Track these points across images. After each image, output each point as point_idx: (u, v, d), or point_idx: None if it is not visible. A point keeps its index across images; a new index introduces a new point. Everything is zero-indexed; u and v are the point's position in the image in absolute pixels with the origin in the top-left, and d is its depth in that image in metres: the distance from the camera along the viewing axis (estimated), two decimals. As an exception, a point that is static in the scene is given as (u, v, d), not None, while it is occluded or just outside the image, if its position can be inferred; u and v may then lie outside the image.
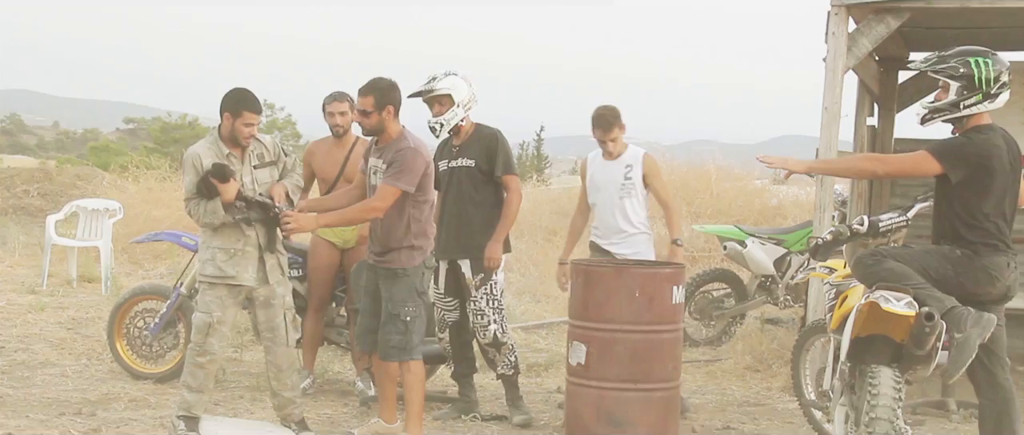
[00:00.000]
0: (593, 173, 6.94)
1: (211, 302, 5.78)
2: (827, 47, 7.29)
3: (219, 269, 5.75)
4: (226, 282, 5.75)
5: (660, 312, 6.04)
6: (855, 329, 4.91)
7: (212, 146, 5.79)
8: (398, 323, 5.78)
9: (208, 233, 5.79)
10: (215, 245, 5.76)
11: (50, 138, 74.70)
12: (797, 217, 12.92)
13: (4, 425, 6.03)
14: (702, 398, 7.44)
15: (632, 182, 6.77)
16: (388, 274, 5.81)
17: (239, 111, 5.72)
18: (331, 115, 7.08)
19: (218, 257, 5.75)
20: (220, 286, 5.76)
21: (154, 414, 6.41)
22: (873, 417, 4.71)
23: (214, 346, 5.80)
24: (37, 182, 18.48)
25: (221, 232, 5.75)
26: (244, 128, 5.73)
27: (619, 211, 6.78)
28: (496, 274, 6.45)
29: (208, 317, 5.77)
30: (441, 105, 6.38)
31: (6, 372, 7.35)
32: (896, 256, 5.02)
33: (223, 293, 5.77)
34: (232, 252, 5.75)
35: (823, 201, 7.31)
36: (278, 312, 5.87)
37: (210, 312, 5.77)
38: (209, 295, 5.79)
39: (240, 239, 5.76)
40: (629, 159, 6.79)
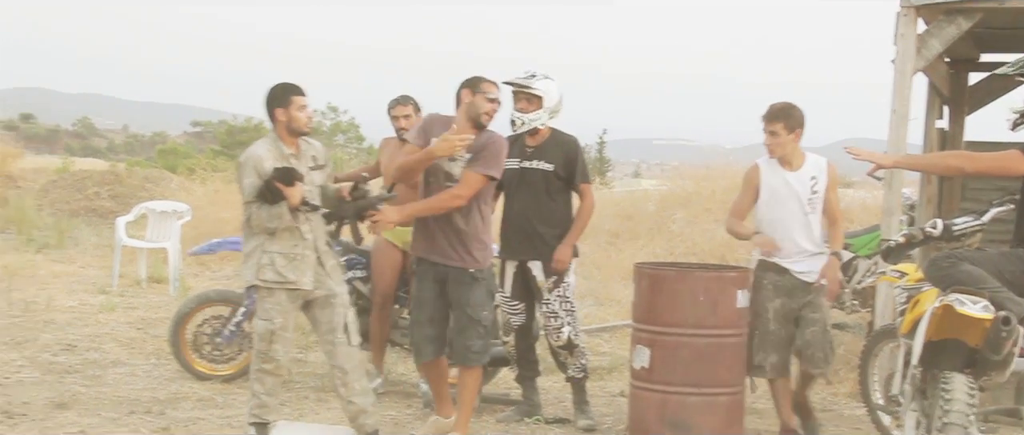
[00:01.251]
0: (772, 183, 6.16)
1: (272, 309, 5.60)
2: (896, 49, 7.19)
3: (279, 274, 5.55)
4: (286, 287, 5.57)
5: (725, 316, 6.00)
6: (928, 333, 4.83)
7: (272, 147, 5.59)
8: (479, 328, 5.76)
9: (263, 237, 5.57)
10: (273, 250, 5.55)
11: (120, 141, 76.14)
12: (864, 221, 12.74)
13: (77, 423, 6.14)
14: (767, 403, 7.35)
15: (818, 196, 6.12)
16: (460, 276, 5.74)
17: (288, 98, 5.57)
18: (396, 118, 7.19)
19: (277, 262, 5.55)
20: (280, 291, 5.58)
21: (222, 414, 6.49)
22: (946, 422, 4.63)
23: (279, 352, 5.64)
24: (107, 184, 18.83)
25: (279, 236, 5.55)
26: (299, 113, 5.57)
27: (803, 228, 6.12)
28: (568, 276, 6.44)
29: (270, 324, 5.60)
30: (529, 103, 6.38)
31: (78, 371, 7.49)
32: (972, 259, 4.94)
33: (283, 298, 5.59)
34: (291, 256, 5.56)
35: (891, 205, 7.21)
36: (338, 312, 5.68)
37: (272, 319, 5.60)
38: (269, 301, 5.61)
39: (298, 242, 5.58)
40: (813, 170, 6.14)
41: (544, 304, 6.42)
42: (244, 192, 5.55)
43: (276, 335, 5.60)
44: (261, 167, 5.49)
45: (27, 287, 10.64)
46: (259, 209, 5.48)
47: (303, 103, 5.60)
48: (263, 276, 5.57)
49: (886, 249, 5.55)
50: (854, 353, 7.66)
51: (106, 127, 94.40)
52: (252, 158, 5.54)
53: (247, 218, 5.58)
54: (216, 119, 47.77)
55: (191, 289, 10.37)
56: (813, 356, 6.16)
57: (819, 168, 6.14)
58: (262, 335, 5.63)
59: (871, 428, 6.40)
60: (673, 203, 15.03)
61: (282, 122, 5.59)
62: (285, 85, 5.65)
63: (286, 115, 5.58)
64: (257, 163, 5.50)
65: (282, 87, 5.64)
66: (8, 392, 6.78)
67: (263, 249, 5.57)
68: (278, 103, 5.59)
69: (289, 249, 5.56)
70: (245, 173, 5.54)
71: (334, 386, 5.83)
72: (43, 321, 9.08)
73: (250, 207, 5.53)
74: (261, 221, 5.50)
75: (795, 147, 6.11)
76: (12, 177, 20.94)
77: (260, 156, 5.53)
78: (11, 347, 8.10)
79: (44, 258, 12.96)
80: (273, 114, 5.61)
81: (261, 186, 5.45)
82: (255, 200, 5.49)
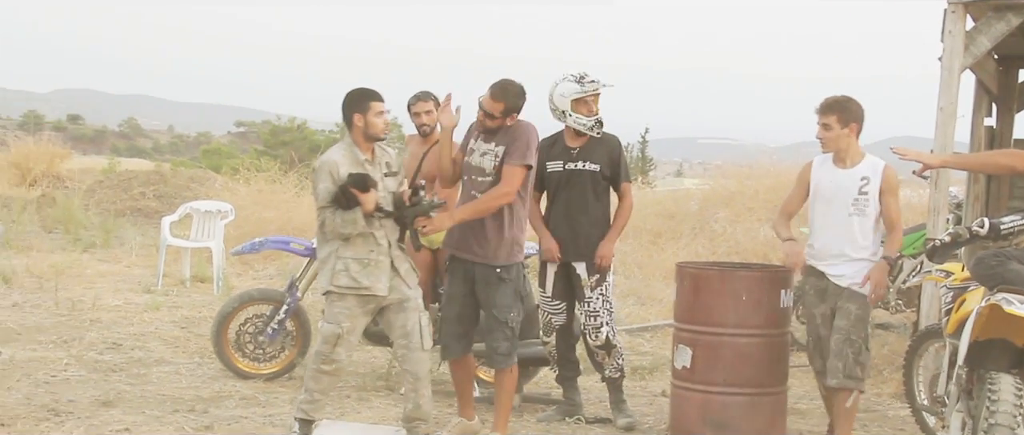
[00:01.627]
0: (819, 180, 5.92)
1: (340, 313, 5.59)
2: (943, 46, 7.10)
3: (354, 280, 5.53)
4: (359, 292, 5.55)
5: (767, 316, 5.96)
6: (974, 332, 4.77)
7: (347, 153, 5.59)
8: (505, 330, 5.77)
9: (336, 243, 5.56)
10: (348, 255, 5.53)
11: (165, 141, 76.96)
12: (909, 220, 12.59)
13: (122, 420, 6.20)
14: (810, 404, 7.30)
15: (868, 199, 5.77)
16: (487, 275, 5.75)
17: (366, 104, 5.58)
18: (417, 115, 7.16)
19: (352, 267, 5.52)
20: (351, 296, 5.56)
21: (264, 412, 6.53)
22: (992, 424, 4.57)
23: (341, 355, 5.64)
24: (153, 184, 19.01)
25: (354, 242, 5.53)
26: (377, 119, 5.58)
27: (845, 230, 5.79)
28: (610, 276, 6.45)
29: (337, 328, 5.59)
30: (595, 103, 6.41)
31: (123, 369, 7.56)
32: (1020, 258, 4.87)
33: (353, 304, 5.57)
34: (366, 262, 5.54)
35: (937, 203, 7.12)
36: (412, 316, 5.64)
37: (339, 323, 5.59)
38: (338, 306, 5.59)
39: (373, 248, 5.55)
40: (867, 170, 5.81)
41: (586, 302, 6.42)
42: (318, 197, 5.54)
43: (342, 339, 5.60)
44: (337, 172, 5.49)
45: (74, 286, 10.77)
46: (333, 214, 5.48)
47: (381, 109, 5.60)
48: (337, 282, 5.55)
49: (932, 248, 5.48)
50: (899, 353, 7.59)
51: (152, 128, 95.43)
52: (328, 163, 5.55)
53: (321, 223, 5.57)
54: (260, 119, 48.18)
55: (235, 288, 10.45)
56: (830, 366, 5.77)
57: (874, 170, 5.79)
58: (327, 338, 5.62)
59: (916, 429, 6.33)
60: (716, 202, 14.95)
61: (359, 127, 5.59)
62: (363, 90, 5.65)
63: (363, 120, 5.58)
64: (333, 168, 5.51)
65: (360, 92, 5.64)
66: (55, 390, 6.87)
67: (337, 255, 5.55)
68: (356, 108, 5.60)
69: (364, 255, 5.54)
70: (320, 178, 5.54)
71: (404, 389, 5.86)
72: (89, 320, 9.19)
73: (324, 212, 5.51)
74: (335, 227, 5.49)
75: (850, 143, 5.82)
76: (60, 177, 21.23)
77: (336, 162, 5.53)
78: (58, 345, 8.20)
79: (90, 257, 13.11)
80: (351, 119, 5.61)
81: (336, 192, 5.45)
82: (330, 205, 5.48)
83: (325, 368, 5.65)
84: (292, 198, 15.25)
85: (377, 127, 5.60)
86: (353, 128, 5.61)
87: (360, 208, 5.44)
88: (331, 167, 5.51)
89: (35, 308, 9.62)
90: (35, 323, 8.98)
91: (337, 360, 5.64)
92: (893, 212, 5.80)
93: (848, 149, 5.82)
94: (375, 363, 7.95)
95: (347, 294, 5.54)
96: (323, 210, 5.51)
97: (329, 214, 5.48)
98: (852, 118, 5.79)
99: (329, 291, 5.59)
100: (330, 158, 5.57)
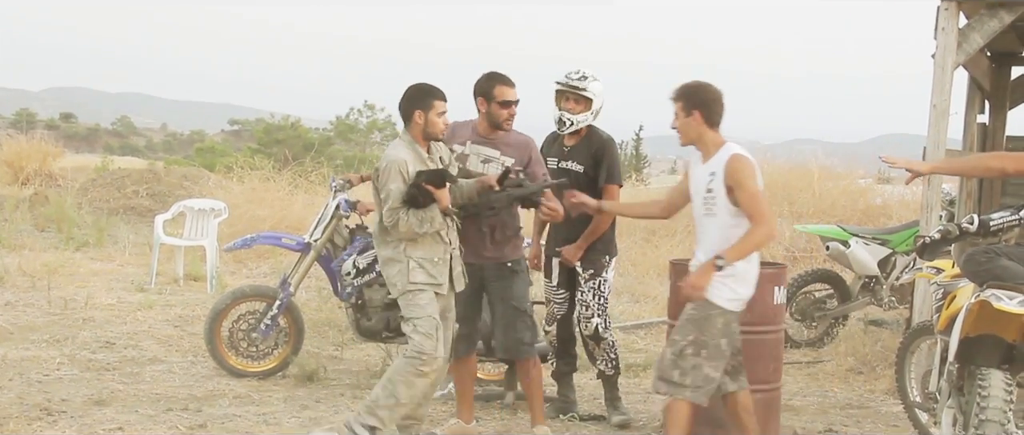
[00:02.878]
0: (690, 178, 5.34)
1: (428, 304, 5.43)
2: (936, 43, 7.11)
3: (431, 276, 5.44)
4: (436, 288, 5.46)
5: (761, 312, 5.95)
6: (965, 329, 4.79)
7: (409, 150, 5.46)
8: (526, 318, 5.87)
9: (401, 243, 5.43)
10: (417, 255, 5.42)
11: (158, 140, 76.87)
12: (902, 217, 12.64)
13: (115, 419, 6.19)
14: (804, 400, 7.32)
15: (714, 197, 5.08)
16: (499, 271, 5.83)
17: (429, 102, 5.46)
18: None
19: (424, 266, 5.44)
20: (428, 291, 5.45)
21: (258, 410, 6.53)
22: (983, 419, 4.59)
23: (441, 351, 5.45)
24: (146, 183, 18.96)
25: (421, 243, 5.43)
26: (438, 118, 5.47)
27: (702, 233, 5.21)
28: (605, 272, 6.44)
29: (432, 319, 5.41)
30: (577, 104, 6.37)
31: (116, 368, 7.55)
32: (1009, 254, 4.89)
33: (432, 299, 5.46)
34: (435, 261, 5.45)
35: (930, 200, 7.14)
36: (449, 326, 5.62)
37: (431, 315, 5.42)
38: (421, 299, 5.43)
39: (441, 247, 5.48)
40: (715, 165, 5.10)
41: (578, 292, 6.45)
42: (390, 198, 5.36)
43: (438, 329, 5.42)
44: (406, 171, 5.37)
45: (66, 285, 10.75)
46: (408, 214, 5.34)
47: (443, 108, 5.50)
48: (415, 278, 5.42)
49: (922, 244, 5.50)
50: (891, 350, 7.60)
51: (145, 126, 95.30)
52: (396, 162, 5.39)
53: (392, 224, 5.37)
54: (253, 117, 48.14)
55: (228, 286, 10.44)
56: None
57: (719, 163, 5.06)
58: (426, 332, 5.40)
59: (908, 425, 6.34)
60: (709, 199, 14.93)
61: (419, 125, 5.47)
62: (427, 87, 5.53)
63: (424, 118, 5.46)
64: (402, 167, 5.37)
65: (424, 89, 5.52)
66: (48, 389, 6.86)
67: (403, 255, 5.43)
68: (419, 105, 5.48)
69: (431, 254, 5.45)
70: (391, 178, 5.38)
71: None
72: (82, 319, 9.17)
73: (397, 213, 5.34)
74: (411, 226, 5.34)
75: (702, 133, 5.07)
76: (52, 176, 21.17)
77: (404, 159, 5.40)
78: (51, 344, 8.19)
79: (83, 256, 13.08)
80: (411, 115, 5.48)
81: (411, 190, 5.33)
82: (403, 205, 5.34)
83: (424, 369, 5.43)
84: (286, 196, 15.24)
85: (437, 126, 5.49)
86: (412, 125, 5.49)
87: (436, 205, 5.35)
88: (400, 166, 5.37)
89: (28, 307, 9.60)
90: (28, 322, 8.96)
91: (438, 357, 5.44)
92: (748, 207, 4.98)
93: (700, 140, 5.10)
94: (369, 361, 7.95)
95: (426, 289, 5.43)
96: (395, 211, 5.34)
97: (403, 214, 5.34)
98: (695, 105, 5.05)
99: (407, 290, 5.43)
100: (397, 156, 5.41)
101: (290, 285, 7.31)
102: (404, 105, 5.52)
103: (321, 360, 7.73)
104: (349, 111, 38.71)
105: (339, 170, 20.60)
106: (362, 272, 7.19)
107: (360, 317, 7.19)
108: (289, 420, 6.33)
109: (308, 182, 16.33)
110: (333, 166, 21.67)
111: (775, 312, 6.05)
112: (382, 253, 5.54)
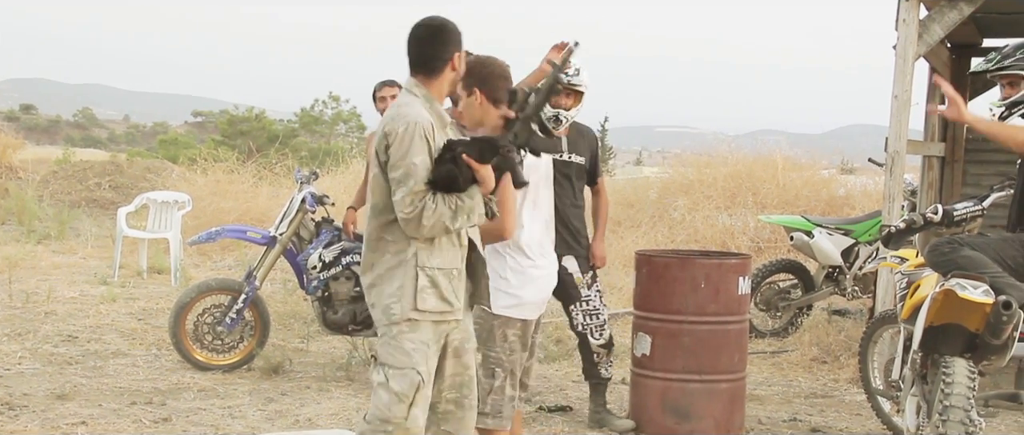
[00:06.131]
0: None
1: (416, 351, 3.81)
2: (897, 34, 7.18)
3: (444, 300, 3.83)
4: (446, 317, 3.85)
5: (725, 303, 6.00)
6: (929, 317, 4.83)
7: (429, 111, 3.84)
8: None
9: (413, 247, 3.80)
10: (434, 265, 3.82)
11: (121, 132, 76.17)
12: (865, 207, 12.75)
13: (78, 414, 6.14)
14: (769, 390, 7.37)
15: None
16: None
17: (461, 42, 3.95)
18: (383, 99, 7.10)
19: (441, 282, 3.82)
20: (429, 327, 3.83)
21: (223, 404, 6.49)
22: (947, 406, 4.63)
23: (420, 419, 3.83)
24: (108, 175, 18.82)
25: (441, 246, 3.83)
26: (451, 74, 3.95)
27: None
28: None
29: (415, 375, 3.80)
30: (569, 99, 5.94)
31: (79, 362, 7.49)
32: (972, 244, 4.94)
33: (430, 336, 3.84)
34: (453, 274, 3.87)
35: (892, 191, 7.20)
36: (471, 361, 4.01)
37: (416, 366, 3.81)
38: (411, 339, 3.81)
39: (460, 253, 3.91)
40: None
41: (583, 301, 6.11)
42: (412, 177, 3.72)
43: (421, 391, 3.81)
44: (433, 139, 3.76)
45: (28, 278, 10.64)
46: (436, 201, 3.73)
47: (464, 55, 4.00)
48: (424, 305, 3.80)
49: (887, 234, 5.55)
50: (855, 339, 7.67)
51: (107, 117, 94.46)
52: (421, 124, 3.74)
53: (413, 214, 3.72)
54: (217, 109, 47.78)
55: (192, 279, 10.37)
56: None
57: None
58: (401, 392, 3.79)
59: (871, 414, 6.40)
60: (674, 190, 15.02)
61: (455, 73, 3.92)
62: (454, 23, 3.92)
63: (461, 62, 3.93)
64: (428, 132, 3.75)
65: (455, 25, 3.91)
66: (9, 383, 6.78)
67: (418, 264, 3.80)
68: (456, 45, 3.89)
69: (452, 263, 3.88)
70: (413, 148, 3.72)
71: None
72: (44, 312, 9.08)
73: (421, 199, 3.72)
74: (442, 220, 3.73)
75: (485, 113, 4.32)
76: (13, 168, 20.91)
77: (430, 122, 3.78)
78: (12, 338, 8.10)
79: (45, 249, 12.96)
80: (446, 60, 3.87)
81: (445, 167, 3.73)
82: (429, 189, 3.74)
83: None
84: (250, 188, 15.16)
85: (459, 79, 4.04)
86: (441, 75, 3.88)
87: (477, 188, 3.80)
88: (426, 130, 3.74)
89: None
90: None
91: (413, 429, 3.82)
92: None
93: (483, 120, 4.35)
94: (335, 354, 7.93)
95: (425, 322, 3.82)
96: (420, 195, 3.71)
97: (430, 201, 3.71)
98: (475, 82, 4.33)
99: (408, 318, 3.80)
100: (418, 116, 3.76)
101: (255, 278, 7.28)
102: (432, 46, 3.87)
103: (287, 353, 7.70)
104: (314, 103, 38.53)
105: (304, 162, 20.51)
106: (328, 266, 7.17)
107: (326, 310, 7.18)
108: (254, 413, 6.30)
109: (273, 174, 16.25)
110: (298, 158, 21.58)
111: (739, 302, 6.09)
112: (377, 261, 3.86)
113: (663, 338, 6.01)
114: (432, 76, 3.86)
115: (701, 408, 5.97)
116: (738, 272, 6.07)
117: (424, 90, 3.86)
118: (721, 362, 6.00)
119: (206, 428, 5.98)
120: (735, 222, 13.05)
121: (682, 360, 5.96)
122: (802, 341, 8.66)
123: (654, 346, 6.02)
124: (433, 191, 3.73)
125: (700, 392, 5.98)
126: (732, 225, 13.01)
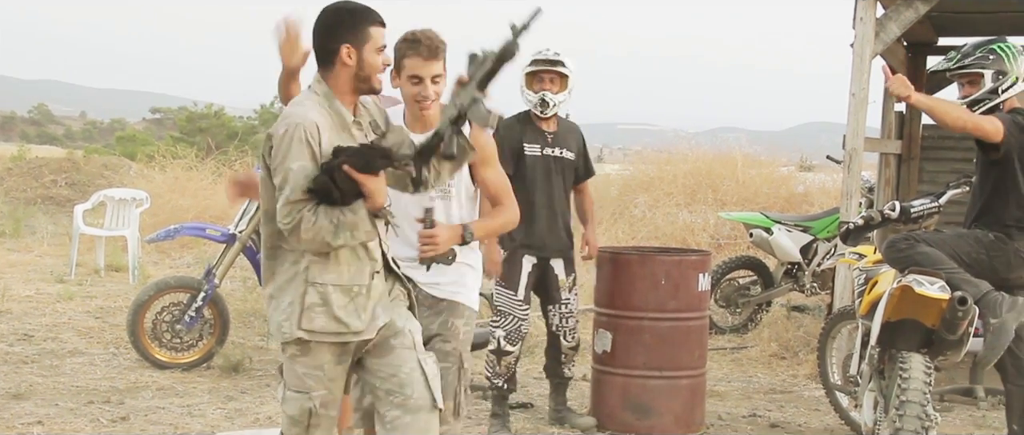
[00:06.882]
0: None
1: (309, 375, 3.50)
2: (854, 33, 7.24)
3: (337, 320, 3.44)
4: (343, 338, 3.48)
5: (686, 300, 6.03)
6: (886, 313, 4.89)
7: (325, 109, 3.43)
8: None
9: (305, 260, 3.43)
10: (328, 280, 3.43)
11: (77, 128, 75.31)
12: (823, 204, 12.85)
13: (34, 413, 6.07)
14: (729, 386, 7.42)
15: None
16: None
17: (364, 32, 3.43)
18: None
19: (334, 300, 3.44)
20: (325, 349, 3.48)
21: (182, 402, 6.44)
22: (904, 400, 4.69)
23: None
24: (65, 172, 18.60)
25: (338, 259, 3.44)
26: (376, 58, 3.46)
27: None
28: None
29: (307, 400, 3.52)
30: (553, 84, 5.82)
31: (35, 361, 7.40)
32: (929, 240, 5.01)
33: (329, 358, 3.50)
34: (355, 292, 3.47)
35: (850, 188, 7.26)
36: (406, 358, 3.56)
37: (309, 391, 3.51)
38: (305, 363, 3.50)
39: (366, 268, 3.50)
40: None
41: (562, 304, 6.05)
42: (289, 185, 3.33)
43: (316, 416, 3.53)
44: (318, 142, 3.35)
45: (-17, 276, 10.51)
46: (316, 214, 3.33)
47: (382, 40, 3.49)
48: (310, 325, 3.44)
49: (845, 231, 5.60)
50: (813, 335, 7.74)
51: (63, 114, 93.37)
52: (303, 125, 3.33)
53: (290, 226, 3.34)
54: (176, 105, 47.37)
55: (151, 277, 10.28)
56: None
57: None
58: (295, 418, 3.54)
59: (830, 409, 6.45)
60: (635, 187, 15.08)
61: (348, 67, 3.43)
62: (358, 7, 3.46)
63: (355, 57, 3.43)
64: (312, 134, 3.33)
65: (353, 10, 3.45)
66: (-36, 383, 6.70)
67: (308, 280, 3.44)
68: (348, 35, 3.42)
69: (354, 279, 3.48)
70: (292, 152, 3.33)
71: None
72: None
73: (296, 209, 3.33)
74: (319, 234, 3.33)
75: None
76: (-33, 165, 20.66)
77: (315, 123, 3.35)
78: (-33, 337, 8.01)
79: (0, 247, 12.80)
80: (335, 53, 3.42)
81: (321, 177, 3.32)
82: (308, 198, 3.33)
83: None
84: (209, 185, 15.05)
85: (375, 68, 3.46)
86: (334, 69, 3.45)
87: (362, 202, 3.37)
88: (309, 131, 3.33)
89: (-58, 299, 9.38)
90: (-58, 315, 8.75)
91: None
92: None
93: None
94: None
95: (320, 346, 3.48)
96: (296, 206, 3.32)
97: (309, 213, 3.32)
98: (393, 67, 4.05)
99: (297, 338, 3.46)
100: (303, 116, 3.36)
101: (215, 276, 7.23)
102: (322, 37, 3.46)
103: (246, 351, 7.66)
104: (273, 99, 38.28)
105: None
106: (288, 262, 7.12)
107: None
108: (214, 411, 6.26)
109: (232, 171, 16.14)
110: (257, 155, 21.42)
111: (700, 299, 6.12)
112: (277, 271, 3.49)
113: (624, 335, 6.03)
114: (328, 70, 3.46)
115: (662, 404, 6.00)
116: (698, 269, 6.10)
117: (325, 87, 3.46)
118: (681, 358, 6.03)
119: (165, 427, 5.93)
120: (695, 219, 13.13)
121: (643, 356, 5.99)
122: (762, 337, 8.73)
123: (615, 343, 6.05)
124: (314, 202, 3.33)
125: (661, 388, 6.01)
126: (692, 222, 13.09)
